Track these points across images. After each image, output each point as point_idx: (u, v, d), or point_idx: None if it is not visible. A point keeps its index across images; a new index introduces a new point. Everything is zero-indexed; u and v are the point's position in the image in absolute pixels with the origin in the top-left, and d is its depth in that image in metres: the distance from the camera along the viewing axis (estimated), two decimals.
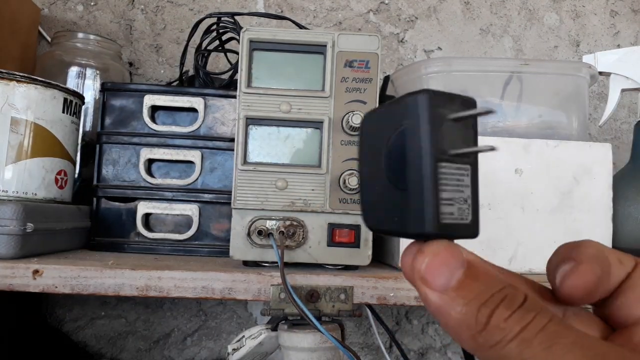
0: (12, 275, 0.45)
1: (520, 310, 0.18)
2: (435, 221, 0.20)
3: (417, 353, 0.93)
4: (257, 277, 0.46)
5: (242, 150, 0.50)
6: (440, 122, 0.20)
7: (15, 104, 0.54)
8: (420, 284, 0.20)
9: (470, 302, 0.18)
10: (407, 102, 0.21)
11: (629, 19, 0.98)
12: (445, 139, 0.20)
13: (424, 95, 0.20)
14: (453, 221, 0.20)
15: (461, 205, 0.21)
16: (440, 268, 0.19)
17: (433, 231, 0.20)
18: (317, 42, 0.51)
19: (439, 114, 0.20)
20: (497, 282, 0.19)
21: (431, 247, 0.20)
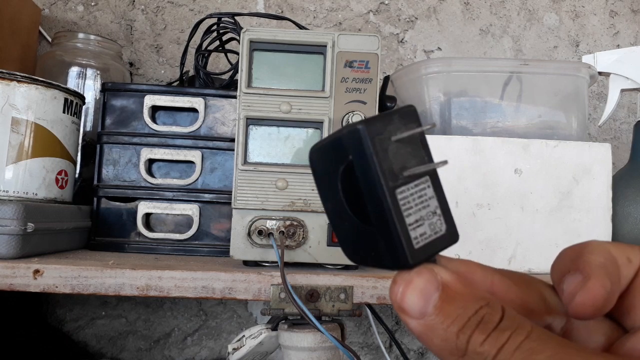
0: (12, 275, 0.45)
1: (495, 332, 0.18)
2: (410, 251, 0.19)
3: (417, 353, 0.93)
4: (257, 276, 0.46)
5: (243, 150, 0.50)
6: (385, 148, 0.20)
7: (16, 104, 0.54)
8: (400, 313, 0.19)
9: (449, 329, 0.18)
10: (346, 136, 0.20)
11: (628, 19, 0.98)
12: (395, 162, 0.20)
13: (359, 127, 0.19)
14: (427, 240, 0.20)
15: (431, 220, 0.20)
16: (415, 295, 0.19)
17: (411, 262, 0.19)
18: (317, 43, 0.51)
19: (382, 139, 0.20)
20: (473, 302, 0.19)
21: (402, 276, 0.19)
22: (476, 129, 0.59)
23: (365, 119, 0.20)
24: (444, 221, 0.20)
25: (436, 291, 0.19)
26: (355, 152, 0.20)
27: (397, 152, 0.20)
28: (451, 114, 0.59)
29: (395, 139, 0.20)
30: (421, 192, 0.20)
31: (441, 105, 0.59)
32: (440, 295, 0.19)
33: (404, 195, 0.20)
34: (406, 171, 0.20)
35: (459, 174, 0.54)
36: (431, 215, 0.20)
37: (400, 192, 0.19)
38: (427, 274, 0.19)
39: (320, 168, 0.22)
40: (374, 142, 0.19)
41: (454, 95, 0.59)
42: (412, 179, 0.20)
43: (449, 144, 0.54)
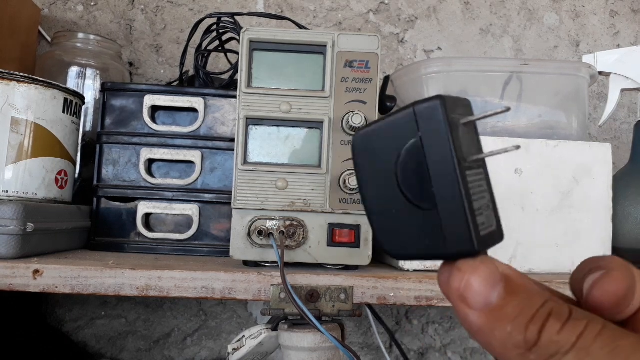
0: (12, 275, 0.45)
1: (571, 321, 0.17)
2: (477, 236, 0.18)
3: (417, 353, 0.93)
4: (257, 277, 0.46)
5: (242, 150, 0.50)
6: (457, 129, 0.19)
7: (16, 104, 0.54)
8: (459, 304, 0.19)
9: (516, 320, 0.18)
10: (416, 112, 0.19)
11: (628, 19, 0.98)
12: (462, 146, 0.19)
13: (437, 102, 0.19)
14: (486, 231, 0.19)
15: (487, 212, 0.19)
16: (480, 286, 0.18)
17: (477, 248, 0.18)
18: (317, 42, 0.51)
19: (454, 119, 0.19)
20: (538, 295, 0.18)
21: (468, 264, 0.19)
22: None
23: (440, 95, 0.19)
24: (494, 217, 0.20)
25: (500, 282, 0.18)
26: (429, 127, 0.19)
27: (463, 136, 0.19)
28: None
29: (464, 121, 0.19)
30: (480, 182, 0.19)
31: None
32: (504, 286, 0.18)
33: (471, 179, 0.19)
34: (470, 157, 0.19)
35: None
36: (486, 208, 0.20)
37: (468, 175, 0.19)
38: (491, 264, 0.19)
39: (368, 154, 0.21)
40: (449, 120, 0.18)
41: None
42: (475, 166, 0.19)
43: None
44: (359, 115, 0.49)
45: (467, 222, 0.18)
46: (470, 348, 0.93)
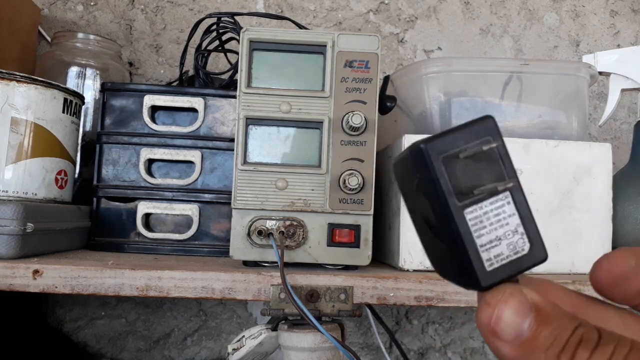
0: (12, 275, 0.45)
1: (599, 348, 0.17)
2: (482, 274, 0.18)
3: (417, 353, 0.93)
4: (257, 277, 0.46)
5: (242, 150, 0.50)
6: (453, 166, 0.18)
7: (16, 104, 0.54)
8: (491, 337, 0.18)
9: (548, 351, 0.17)
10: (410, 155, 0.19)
11: (629, 19, 0.98)
12: (465, 180, 0.18)
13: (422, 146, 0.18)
14: (504, 261, 0.19)
15: (511, 239, 0.19)
16: (511, 318, 0.18)
17: (482, 285, 0.18)
18: (317, 42, 0.51)
19: (448, 157, 0.18)
20: (569, 322, 0.18)
21: (495, 296, 0.19)
22: None
23: (431, 136, 0.19)
24: (527, 239, 0.19)
25: (530, 312, 0.18)
26: (419, 171, 0.19)
27: (467, 169, 0.19)
28: (451, 114, 0.59)
29: (465, 155, 0.19)
30: (499, 209, 0.19)
31: (441, 105, 0.59)
32: (534, 317, 0.18)
33: (476, 214, 0.19)
34: (478, 189, 0.19)
35: None
36: (511, 234, 0.19)
37: (470, 211, 0.19)
38: (519, 294, 0.18)
39: (400, 181, 0.21)
40: (438, 161, 0.18)
41: (454, 95, 0.59)
42: (485, 196, 0.19)
43: None
44: (359, 115, 0.49)
45: (468, 260, 0.18)
46: (470, 348, 0.93)
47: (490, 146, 0.19)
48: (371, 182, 0.50)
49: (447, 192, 0.18)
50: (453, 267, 0.19)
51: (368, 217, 0.50)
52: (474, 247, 0.18)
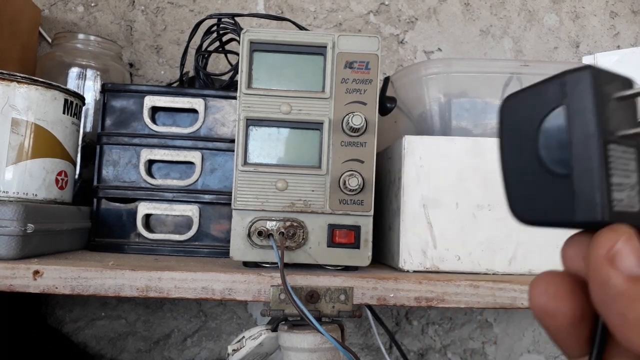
0: (12, 275, 0.45)
1: None
2: (607, 208, 0.18)
3: (417, 354, 0.93)
4: (257, 277, 0.46)
5: (243, 151, 0.50)
6: (606, 101, 0.19)
7: (16, 105, 0.54)
8: (605, 264, 0.17)
9: None
10: (565, 80, 0.19)
11: (628, 20, 0.98)
12: (610, 119, 0.19)
13: (586, 72, 0.19)
14: (623, 209, 0.19)
15: (630, 192, 0.19)
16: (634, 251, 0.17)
17: (605, 219, 0.18)
18: (317, 44, 0.51)
19: (603, 92, 0.19)
20: None
21: (624, 228, 0.18)
22: (476, 130, 0.59)
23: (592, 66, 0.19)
24: (638, 200, 0.19)
25: None
26: (574, 95, 0.19)
27: (614, 110, 0.19)
28: (451, 115, 0.59)
29: (617, 95, 0.19)
30: (627, 160, 0.19)
31: (441, 106, 0.59)
32: None
33: (613, 153, 0.19)
34: (619, 132, 0.19)
35: (459, 175, 0.53)
36: (630, 188, 0.19)
37: (611, 148, 0.19)
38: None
39: (512, 116, 0.22)
40: (597, 90, 0.19)
41: (454, 96, 0.59)
42: (622, 141, 0.19)
43: (449, 144, 0.54)
44: (359, 116, 0.49)
45: (599, 190, 0.18)
46: (470, 349, 0.93)
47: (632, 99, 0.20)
48: (371, 183, 0.50)
49: (599, 121, 0.18)
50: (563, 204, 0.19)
51: (368, 218, 0.50)
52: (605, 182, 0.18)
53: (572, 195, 0.19)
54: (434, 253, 0.52)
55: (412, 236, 0.52)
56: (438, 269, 0.52)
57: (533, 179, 0.21)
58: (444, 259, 0.52)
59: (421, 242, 0.52)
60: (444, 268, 0.52)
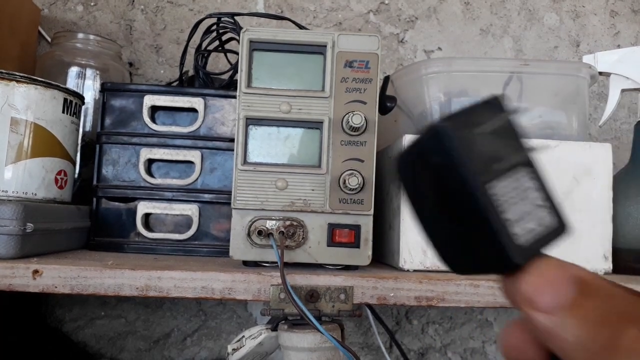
0: (12, 275, 0.45)
1: None
2: (514, 249, 0.18)
3: (417, 353, 0.93)
4: (257, 277, 0.46)
5: (242, 151, 0.50)
6: (471, 143, 0.18)
7: (15, 104, 0.54)
8: (527, 307, 0.18)
9: (588, 322, 0.16)
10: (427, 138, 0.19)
11: (629, 19, 0.98)
12: (483, 156, 0.18)
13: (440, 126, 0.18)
14: (533, 235, 0.18)
15: (535, 213, 0.19)
16: (549, 287, 0.17)
17: (518, 261, 0.18)
18: (317, 43, 0.51)
19: (465, 135, 0.18)
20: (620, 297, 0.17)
21: (536, 266, 0.18)
22: None
23: (446, 116, 0.19)
24: (549, 213, 0.19)
25: (573, 284, 0.17)
26: (438, 152, 0.19)
27: (484, 146, 0.18)
28: None
29: (480, 132, 0.19)
30: (519, 184, 0.19)
31: (441, 105, 0.59)
32: (578, 289, 0.17)
33: (499, 190, 0.18)
34: (497, 164, 0.18)
35: None
36: (534, 209, 0.19)
37: (492, 186, 0.18)
38: (561, 266, 0.18)
39: (408, 176, 0.21)
40: (457, 139, 0.18)
41: (454, 95, 0.59)
42: (504, 172, 0.18)
43: None
44: (359, 116, 0.49)
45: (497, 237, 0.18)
46: (471, 348, 0.93)
47: (501, 121, 0.19)
48: (371, 182, 0.50)
49: (470, 168, 0.18)
50: (480, 254, 0.19)
51: (368, 217, 0.50)
52: (501, 223, 0.18)
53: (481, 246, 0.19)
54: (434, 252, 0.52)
55: (413, 235, 0.52)
56: (438, 268, 0.52)
57: (446, 232, 0.20)
58: None
59: (421, 241, 0.52)
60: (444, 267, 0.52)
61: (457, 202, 0.19)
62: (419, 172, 0.20)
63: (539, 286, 0.17)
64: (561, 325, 0.17)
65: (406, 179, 0.21)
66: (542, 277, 0.18)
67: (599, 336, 0.16)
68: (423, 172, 0.20)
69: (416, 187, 0.20)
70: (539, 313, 0.17)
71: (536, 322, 0.17)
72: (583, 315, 0.17)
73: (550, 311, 0.17)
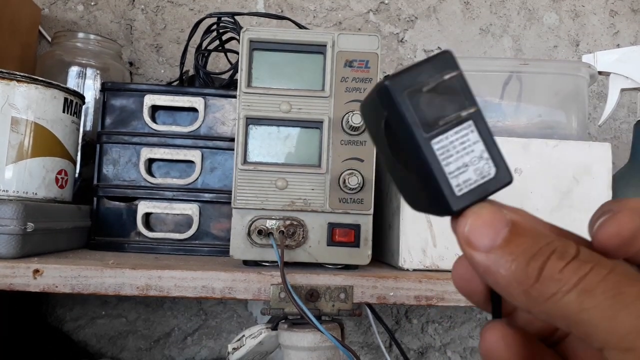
0: (12, 274, 0.45)
1: (575, 261, 0.17)
2: (452, 199, 0.20)
3: (417, 352, 0.93)
4: (257, 276, 0.46)
5: (242, 150, 0.50)
6: (417, 100, 0.20)
7: (16, 104, 0.54)
8: (466, 247, 0.19)
9: (519, 257, 0.18)
10: (377, 94, 0.20)
11: (628, 19, 0.98)
12: (429, 112, 0.20)
13: (386, 83, 0.20)
14: (473, 185, 0.20)
15: (477, 165, 0.20)
16: (484, 229, 0.19)
17: (456, 209, 0.20)
18: (317, 42, 0.51)
19: (412, 91, 0.20)
20: (545, 235, 0.19)
21: (472, 210, 0.20)
22: None
23: (394, 73, 0.20)
24: (492, 164, 0.20)
25: (505, 225, 0.19)
26: (387, 108, 0.20)
27: (431, 102, 0.20)
28: None
29: (428, 88, 0.20)
30: (464, 138, 0.20)
31: None
32: (510, 229, 0.19)
33: (442, 144, 0.20)
34: (442, 119, 0.20)
35: None
36: (477, 160, 0.20)
37: (437, 141, 0.20)
38: (496, 210, 0.20)
39: (368, 123, 0.23)
40: (403, 96, 0.19)
41: None
42: (450, 126, 0.20)
43: None
44: (359, 115, 0.49)
45: (438, 187, 0.20)
46: (470, 347, 0.93)
47: (450, 77, 0.20)
48: (371, 181, 0.50)
49: (414, 124, 0.19)
50: (426, 198, 0.21)
51: (368, 216, 0.50)
52: (443, 175, 0.20)
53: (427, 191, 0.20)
54: (434, 252, 0.52)
55: (412, 235, 0.52)
56: (438, 268, 0.52)
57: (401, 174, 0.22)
58: (443, 258, 0.52)
59: (421, 240, 0.52)
60: (443, 267, 0.52)
61: (406, 153, 0.20)
62: (376, 121, 0.21)
63: (475, 228, 0.19)
64: (495, 263, 0.19)
65: (369, 126, 0.23)
66: (478, 220, 0.19)
67: (527, 269, 0.18)
68: (378, 122, 0.21)
69: (377, 134, 0.22)
70: (476, 252, 0.19)
71: (474, 260, 0.19)
72: (513, 252, 0.18)
73: (485, 250, 0.19)
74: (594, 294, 0.17)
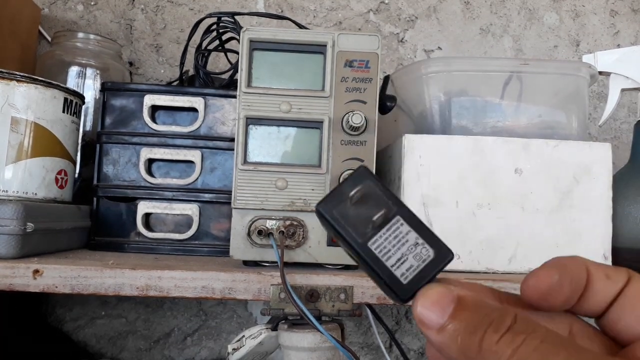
0: (12, 275, 0.45)
1: (509, 333, 0.19)
2: (400, 289, 0.21)
3: (417, 352, 0.93)
4: (257, 276, 0.46)
5: (242, 150, 0.50)
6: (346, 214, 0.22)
7: (16, 104, 0.54)
8: (421, 327, 0.21)
9: (462, 332, 0.19)
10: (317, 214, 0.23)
11: (629, 19, 0.98)
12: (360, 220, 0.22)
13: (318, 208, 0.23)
14: (417, 270, 0.22)
15: (415, 251, 0.22)
16: (432, 308, 0.20)
17: (403, 297, 0.21)
18: (317, 42, 0.51)
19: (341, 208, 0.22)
20: (485, 307, 0.20)
21: (421, 292, 0.21)
22: (476, 128, 0.59)
23: (323, 197, 0.23)
24: (429, 247, 0.22)
25: (452, 302, 0.20)
26: (326, 227, 0.23)
27: (359, 211, 0.22)
28: (451, 114, 0.59)
29: (353, 201, 0.22)
30: (396, 232, 0.22)
31: (441, 105, 0.59)
32: (455, 306, 0.20)
33: (378, 243, 0.22)
34: (373, 223, 0.22)
35: (459, 173, 0.53)
36: (413, 248, 0.22)
37: (372, 242, 0.22)
38: (443, 289, 0.21)
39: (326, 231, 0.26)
40: (334, 215, 0.22)
41: (454, 95, 0.59)
42: (381, 226, 0.22)
43: (449, 143, 0.54)
44: (359, 115, 0.49)
45: (385, 282, 0.22)
46: None
47: (368, 186, 0.23)
48: None
49: (349, 235, 0.22)
50: (384, 289, 0.23)
51: None
52: (386, 269, 0.22)
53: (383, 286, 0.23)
54: None
55: None
56: None
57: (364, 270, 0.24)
58: None
59: None
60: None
61: (355, 257, 0.23)
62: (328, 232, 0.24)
63: (424, 309, 0.21)
64: (446, 339, 0.20)
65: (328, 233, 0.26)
66: (426, 301, 0.21)
67: (469, 343, 0.19)
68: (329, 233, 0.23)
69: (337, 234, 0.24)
70: (429, 331, 0.20)
71: (430, 340, 0.21)
72: (457, 327, 0.20)
73: (436, 328, 0.20)
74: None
